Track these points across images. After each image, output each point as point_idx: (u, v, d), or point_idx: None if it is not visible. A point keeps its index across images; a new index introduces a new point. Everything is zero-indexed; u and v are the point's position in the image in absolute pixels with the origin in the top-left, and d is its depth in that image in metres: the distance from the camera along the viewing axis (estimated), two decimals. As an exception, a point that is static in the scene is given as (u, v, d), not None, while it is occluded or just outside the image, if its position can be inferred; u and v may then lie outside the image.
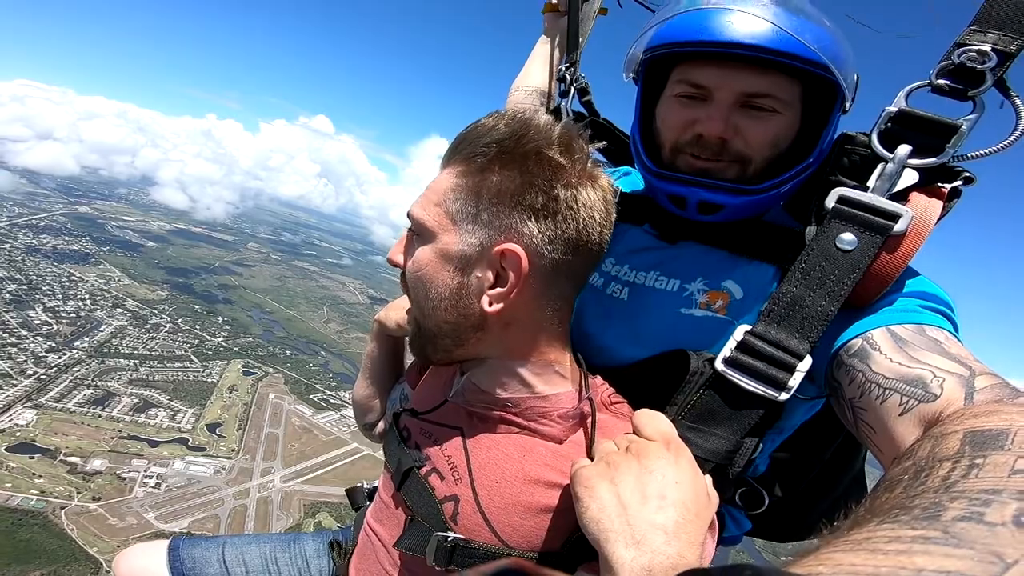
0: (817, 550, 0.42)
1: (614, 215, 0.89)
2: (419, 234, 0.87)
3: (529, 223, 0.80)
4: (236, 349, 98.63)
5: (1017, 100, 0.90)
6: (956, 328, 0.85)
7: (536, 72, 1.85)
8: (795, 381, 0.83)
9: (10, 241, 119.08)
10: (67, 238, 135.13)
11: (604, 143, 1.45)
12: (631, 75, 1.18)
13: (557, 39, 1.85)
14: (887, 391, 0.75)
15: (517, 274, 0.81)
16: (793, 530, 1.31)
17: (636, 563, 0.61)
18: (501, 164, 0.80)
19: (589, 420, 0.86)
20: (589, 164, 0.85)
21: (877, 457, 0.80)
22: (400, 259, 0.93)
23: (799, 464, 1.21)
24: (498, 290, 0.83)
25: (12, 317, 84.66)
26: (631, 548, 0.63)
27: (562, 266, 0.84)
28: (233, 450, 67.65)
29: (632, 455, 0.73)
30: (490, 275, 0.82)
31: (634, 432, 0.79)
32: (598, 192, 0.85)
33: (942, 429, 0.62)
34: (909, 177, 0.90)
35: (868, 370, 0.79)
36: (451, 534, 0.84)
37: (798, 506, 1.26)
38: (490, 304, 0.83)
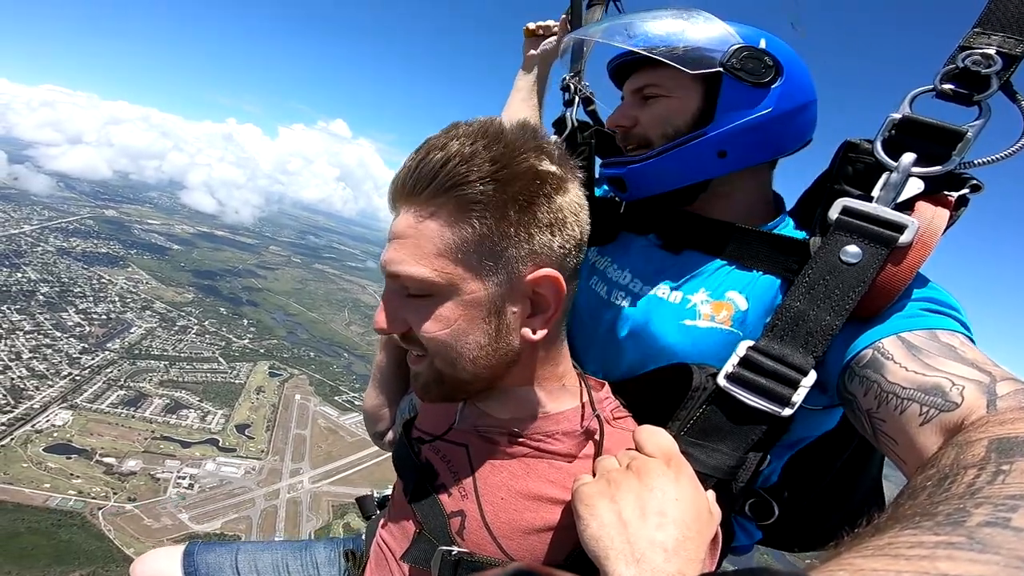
0: (838, 555, 0.42)
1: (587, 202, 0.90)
2: (427, 293, 0.79)
3: (549, 241, 0.79)
4: (262, 351, 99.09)
5: None
6: (969, 331, 0.84)
7: (518, 108, 1.81)
8: (799, 397, 0.82)
9: (42, 244, 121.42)
10: (96, 241, 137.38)
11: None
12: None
13: (536, 71, 1.85)
14: (905, 401, 0.74)
15: (557, 296, 0.81)
16: (807, 540, 1.29)
17: None
18: (503, 194, 0.76)
19: (596, 436, 0.87)
20: (558, 151, 0.84)
21: (899, 467, 0.78)
22: (398, 326, 0.83)
23: (809, 474, 1.20)
24: (539, 317, 0.82)
25: (46, 319, 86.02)
26: (631, 566, 0.62)
27: (576, 270, 0.85)
28: (262, 451, 67.67)
29: (633, 472, 0.73)
30: (527, 304, 0.81)
31: (636, 448, 0.78)
32: (579, 184, 0.85)
33: (966, 437, 0.61)
34: (914, 186, 0.88)
35: (883, 380, 0.78)
36: (455, 548, 0.84)
37: (811, 516, 1.24)
38: (534, 332, 0.82)
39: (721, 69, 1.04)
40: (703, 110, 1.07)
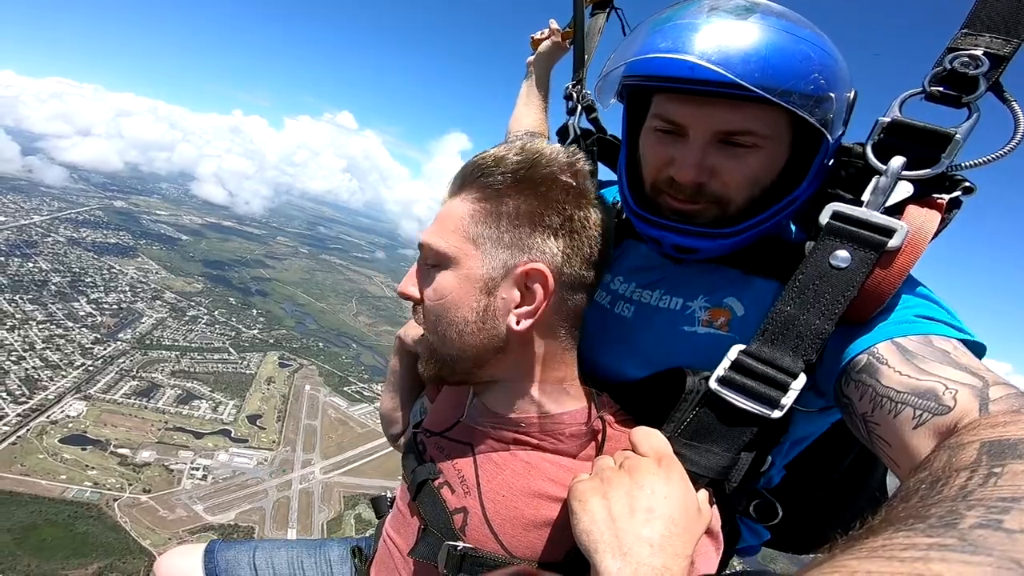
0: (833, 557, 0.42)
1: (612, 234, 0.96)
2: (437, 264, 0.91)
3: (550, 242, 0.86)
4: (271, 341, 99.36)
5: (1015, 105, 0.86)
6: (964, 334, 0.83)
7: (523, 115, 1.85)
8: (788, 399, 0.81)
9: (52, 234, 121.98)
10: (105, 231, 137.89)
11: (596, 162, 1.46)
12: (614, 98, 1.14)
13: (536, 75, 1.88)
14: (899, 405, 0.75)
15: (544, 291, 0.86)
16: (814, 542, 1.29)
17: (622, 573, 0.64)
18: (519, 189, 0.86)
19: (599, 437, 0.91)
20: (592, 185, 0.92)
21: (893, 471, 0.79)
22: (413, 291, 0.95)
23: (813, 476, 1.20)
24: (525, 308, 0.87)
25: (58, 308, 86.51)
26: (618, 559, 0.65)
27: (578, 282, 0.90)
28: (274, 441, 67.90)
29: (625, 471, 0.76)
30: (516, 294, 0.87)
31: (631, 448, 0.81)
32: (603, 212, 0.92)
33: (958, 440, 0.62)
34: (904, 189, 0.87)
35: (878, 384, 0.78)
36: (461, 543, 0.87)
37: (818, 518, 1.24)
38: (517, 322, 0.87)
39: (842, 130, 0.95)
40: (788, 163, 0.98)
